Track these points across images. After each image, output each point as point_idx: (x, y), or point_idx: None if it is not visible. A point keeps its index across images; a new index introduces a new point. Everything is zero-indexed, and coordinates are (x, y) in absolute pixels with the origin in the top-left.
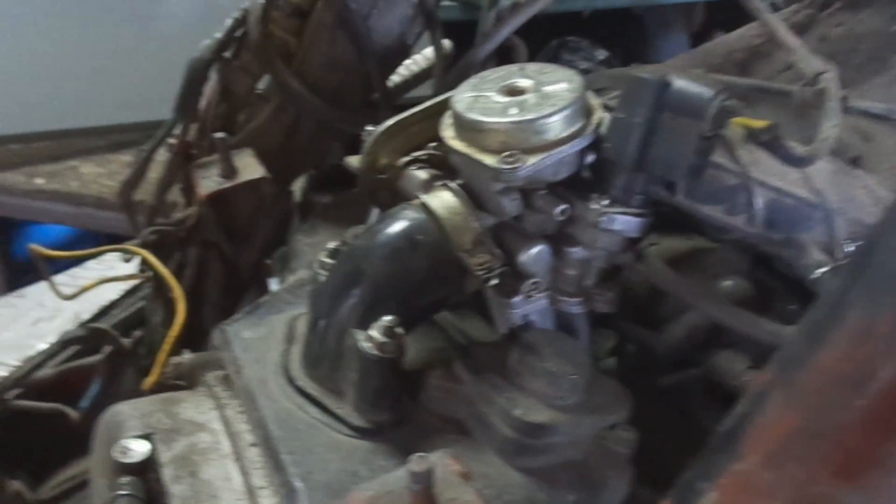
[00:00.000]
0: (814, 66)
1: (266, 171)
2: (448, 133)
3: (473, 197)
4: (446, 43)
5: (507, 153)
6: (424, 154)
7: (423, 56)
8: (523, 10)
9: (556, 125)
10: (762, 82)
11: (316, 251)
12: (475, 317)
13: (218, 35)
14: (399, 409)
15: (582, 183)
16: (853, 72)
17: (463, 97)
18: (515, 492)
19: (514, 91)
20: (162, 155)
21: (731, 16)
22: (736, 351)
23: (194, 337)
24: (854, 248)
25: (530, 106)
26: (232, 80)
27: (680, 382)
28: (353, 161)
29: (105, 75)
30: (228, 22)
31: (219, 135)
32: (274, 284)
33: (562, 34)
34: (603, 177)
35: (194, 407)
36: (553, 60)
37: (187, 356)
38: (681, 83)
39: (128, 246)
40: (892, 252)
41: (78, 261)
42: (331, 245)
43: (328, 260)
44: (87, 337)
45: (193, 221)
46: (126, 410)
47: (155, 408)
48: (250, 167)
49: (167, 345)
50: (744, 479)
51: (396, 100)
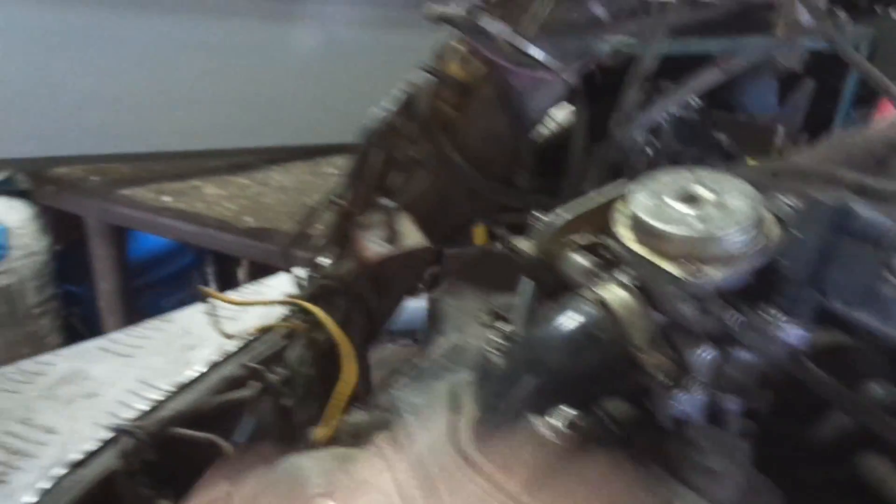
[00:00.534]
0: None
1: (426, 240)
2: (625, 233)
3: (647, 296)
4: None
5: (690, 264)
6: (588, 242)
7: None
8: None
9: (740, 241)
10: None
11: (464, 315)
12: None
13: (388, 106)
14: None
15: (750, 289)
16: None
17: (642, 201)
18: None
19: (693, 199)
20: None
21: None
22: (884, 457)
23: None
24: None
25: (714, 219)
26: (396, 148)
27: (826, 482)
28: (524, 246)
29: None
30: (397, 94)
31: (386, 202)
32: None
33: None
34: (773, 287)
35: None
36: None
37: (361, 416)
38: (863, 211)
39: (299, 301)
40: None
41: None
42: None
43: (499, 340)
44: (247, 376)
45: (349, 278)
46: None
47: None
48: (411, 234)
49: (338, 401)
50: None
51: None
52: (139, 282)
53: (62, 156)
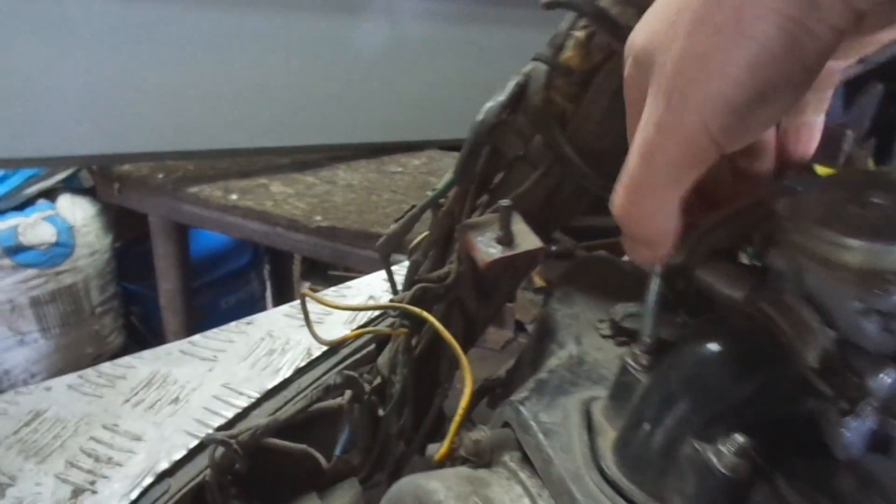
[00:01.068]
0: None
1: (541, 242)
2: (798, 238)
3: (819, 311)
4: None
5: (874, 276)
6: (740, 249)
7: None
8: None
9: None
10: None
11: (578, 324)
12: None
13: (500, 98)
14: None
15: None
16: None
17: (811, 204)
18: None
19: (873, 206)
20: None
21: (887, 64)
22: None
23: (430, 389)
24: None
25: None
26: (505, 143)
27: None
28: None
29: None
30: (510, 85)
31: (504, 202)
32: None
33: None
34: None
35: (504, 492)
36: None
37: (483, 433)
38: None
39: (409, 307)
40: None
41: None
42: (647, 342)
43: (642, 355)
44: (342, 384)
45: (452, 280)
46: (440, 489)
47: (467, 489)
48: (526, 235)
49: (459, 417)
50: None
51: None
52: (198, 281)
53: (127, 153)
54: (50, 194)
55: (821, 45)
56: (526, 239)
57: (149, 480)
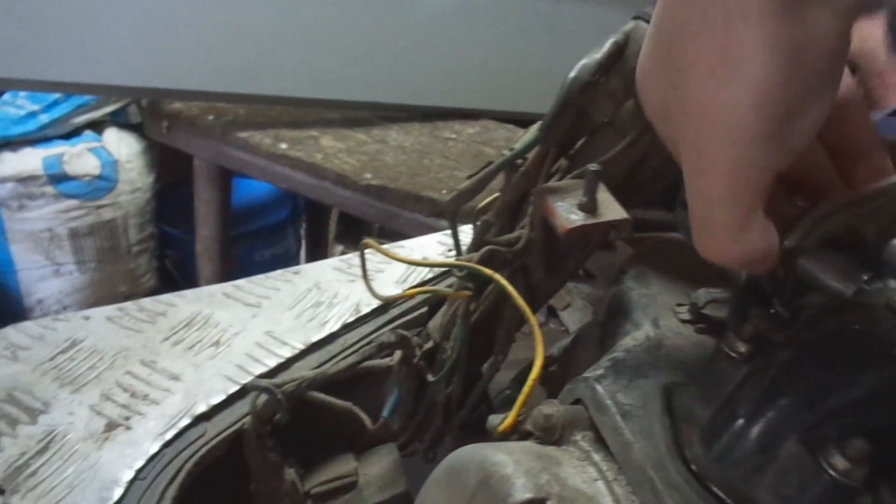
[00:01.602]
0: None
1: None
2: None
3: None
4: None
5: None
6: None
7: None
8: None
9: None
10: None
11: (657, 306)
12: None
13: (595, 56)
14: None
15: None
16: None
17: None
18: None
19: None
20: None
21: None
22: None
23: (480, 360)
24: None
25: None
26: (593, 105)
27: None
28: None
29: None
30: (607, 44)
31: (593, 166)
32: None
33: None
34: None
35: (577, 473)
36: None
37: (554, 408)
38: None
39: (478, 266)
40: None
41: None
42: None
43: (741, 343)
44: (396, 344)
45: (523, 245)
46: (508, 463)
47: (537, 465)
48: (611, 205)
49: (528, 388)
50: None
51: None
52: (236, 231)
53: (179, 89)
54: (97, 127)
55: (825, 48)
56: (610, 208)
57: (185, 422)
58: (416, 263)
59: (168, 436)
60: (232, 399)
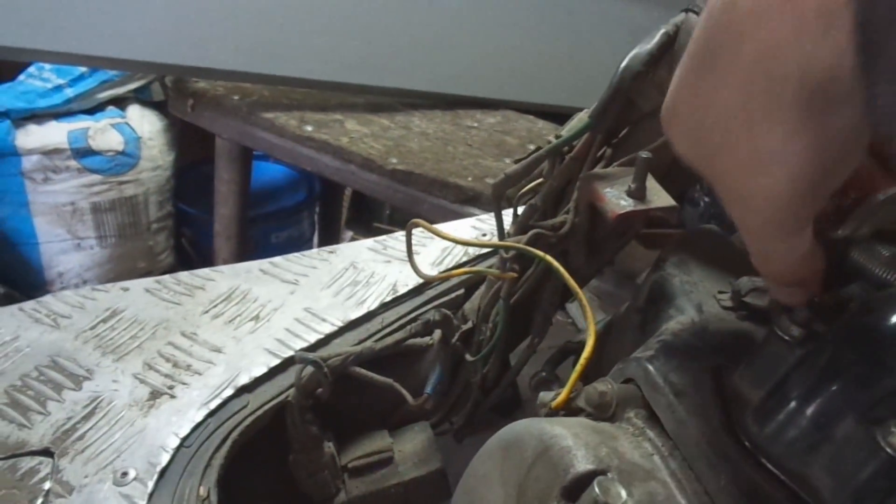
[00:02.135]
0: None
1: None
2: None
3: None
4: None
5: None
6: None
7: None
8: None
9: None
10: None
11: (700, 293)
12: None
13: (646, 46)
14: None
15: None
16: None
17: None
18: None
19: None
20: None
21: None
22: None
23: (515, 342)
24: None
25: None
26: (641, 95)
27: None
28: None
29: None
30: (658, 34)
31: (644, 153)
32: None
33: None
34: None
35: (633, 448)
36: None
37: (607, 385)
38: None
39: (527, 247)
40: None
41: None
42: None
43: (795, 326)
44: (440, 322)
45: (568, 230)
46: (567, 436)
47: (595, 439)
48: (659, 192)
49: (581, 366)
50: None
51: None
52: (253, 212)
53: (205, 67)
54: (120, 103)
55: (852, 135)
56: (658, 195)
57: (228, 392)
58: (467, 243)
59: (212, 405)
60: (273, 372)
